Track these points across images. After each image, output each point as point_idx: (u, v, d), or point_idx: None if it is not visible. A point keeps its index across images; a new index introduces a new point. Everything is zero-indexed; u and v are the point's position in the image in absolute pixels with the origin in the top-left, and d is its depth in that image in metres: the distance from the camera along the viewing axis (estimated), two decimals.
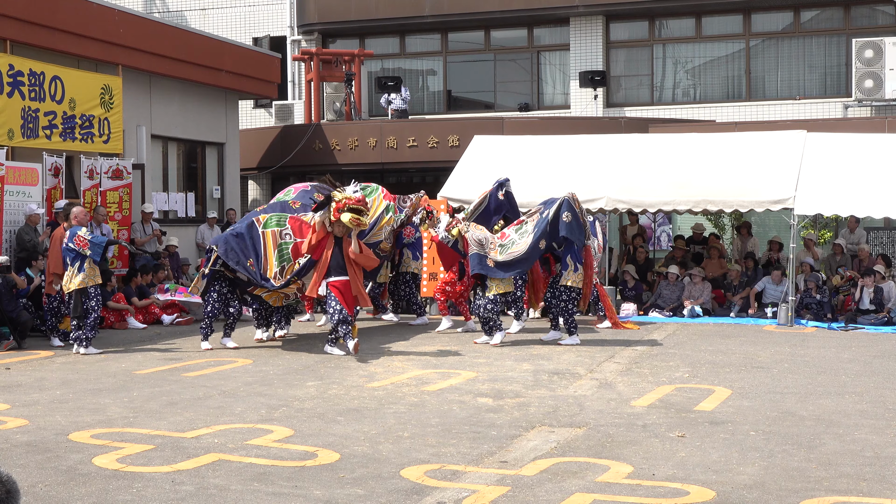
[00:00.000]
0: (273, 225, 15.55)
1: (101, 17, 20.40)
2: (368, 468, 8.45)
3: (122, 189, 20.27)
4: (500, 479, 8.13)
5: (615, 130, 24.43)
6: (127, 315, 18.40)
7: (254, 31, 31.76)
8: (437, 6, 29.97)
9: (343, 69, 29.04)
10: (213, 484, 7.95)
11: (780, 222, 21.69)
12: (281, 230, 15.52)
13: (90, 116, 19.66)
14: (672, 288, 20.61)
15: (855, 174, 19.28)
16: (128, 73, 21.12)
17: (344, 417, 10.52)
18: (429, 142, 26.62)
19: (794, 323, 18.87)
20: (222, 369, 13.72)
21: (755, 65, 28.87)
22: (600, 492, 7.79)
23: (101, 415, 10.64)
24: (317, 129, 27.64)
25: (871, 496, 7.74)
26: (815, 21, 28.68)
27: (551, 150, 21.52)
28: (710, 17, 29.11)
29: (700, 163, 20.31)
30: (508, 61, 30.84)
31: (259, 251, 15.36)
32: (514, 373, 13.36)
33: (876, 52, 26.15)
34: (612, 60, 29.70)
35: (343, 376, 13.13)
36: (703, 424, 10.25)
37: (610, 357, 14.88)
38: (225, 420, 10.38)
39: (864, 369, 13.89)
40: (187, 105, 23.68)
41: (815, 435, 9.75)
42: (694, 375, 13.34)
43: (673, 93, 29.73)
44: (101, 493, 7.68)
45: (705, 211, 20.69)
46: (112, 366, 14.00)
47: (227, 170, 25.26)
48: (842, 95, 27.68)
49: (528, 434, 9.78)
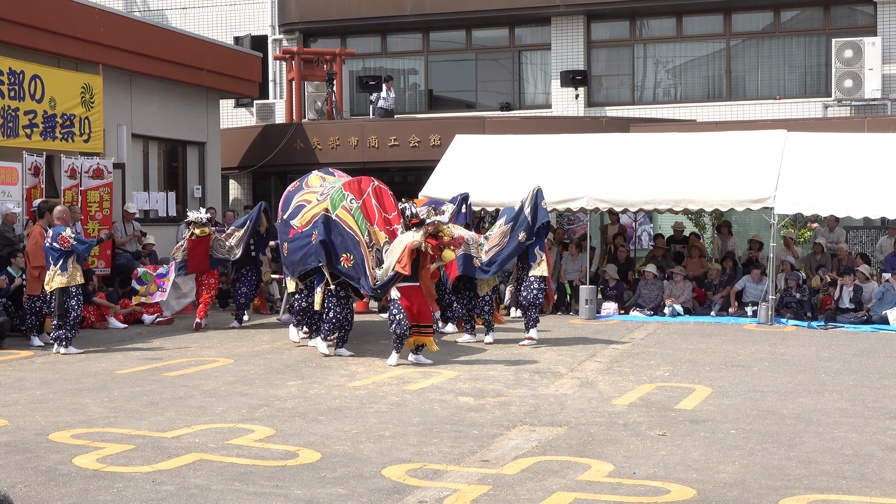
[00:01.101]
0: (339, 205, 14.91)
1: (82, 15, 20.33)
2: (350, 467, 8.45)
3: (103, 188, 20.20)
4: (481, 479, 8.13)
5: (596, 130, 24.49)
6: (108, 315, 18.35)
7: (235, 30, 31.69)
8: (418, 5, 29.96)
9: (324, 68, 29.02)
10: (194, 484, 7.94)
11: (761, 221, 21.77)
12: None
13: (70, 116, 19.59)
14: (652, 287, 20.66)
15: (834, 174, 19.36)
16: (108, 73, 21.05)
17: (325, 417, 10.51)
18: (410, 141, 26.62)
19: (775, 322, 18.95)
20: (203, 369, 13.69)
21: (735, 64, 28.95)
22: (581, 490, 7.81)
23: (82, 415, 10.61)
24: (298, 128, 27.61)
25: (851, 494, 7.77)
26: (794, 21, 28.78)
27: (532, 150, 21.55)
28: (690, 16, 29.17)
29: (681, 162, 20.37)
30: (490, 61, 30.86)
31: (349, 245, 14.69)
32: (495, 372, 13.37)
33: (855, 52, 26.25)
34: (593, 60, 29.75)
35: (324, 376, 13.12)
36: (684, 423, 10.28)
37: (591, 356, 14.91)
38: (206, 420, 10.35)
39: (844, 368, 13.95)
40: (168, 104, 23.62)
41: (795, 433, 9.79)
42: (674, 374, 13.38)
43: (654, 92, 29.79)
44: (82, 494, 7.66)
45: (686, 210, 20.75)
46: (92, 365, 13.96)
47: (208, 169, 25.20)
48: (821, 95, 27.78)
49: (510, 433, 9.79)
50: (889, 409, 11.10)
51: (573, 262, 21.55)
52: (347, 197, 14.78)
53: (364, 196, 14.77)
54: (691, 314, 20.26)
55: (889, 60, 26.73)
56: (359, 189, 14.86)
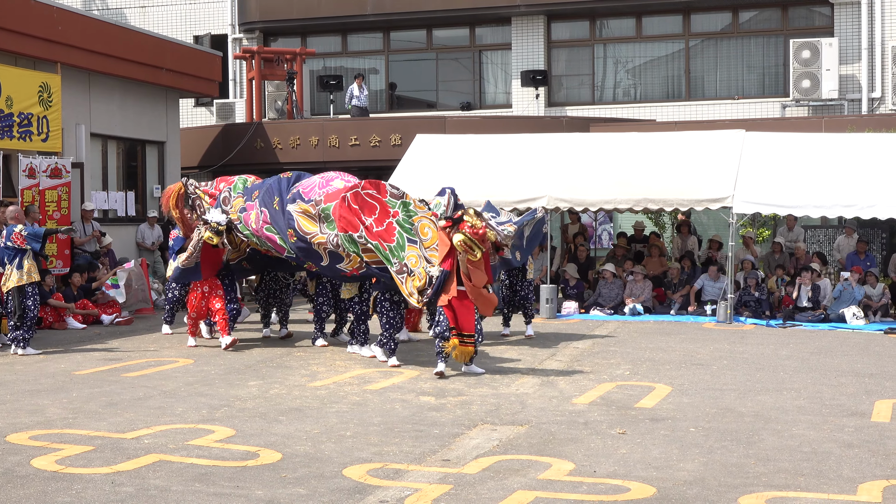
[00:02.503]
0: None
1: (40, 14, 20.16)
2: (311, 468, 8.43)
3: (61, 188, 20.05)
4: (442, 478, 8.14)
5: (557, 129, 24.55)
6: (66, 315, 18.21)
7: (195, 29, 31.54)
8: (379, 5, 29.93)
9: (285, 68, 28.93)
10: (154, 485, 7.91)
11: (720, 221, 21.90)
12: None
13: (28, 115, 19.43)
14: (611, 286, 20.73)
15: (792, 173, 19.51)
16: (67, 71, 20.88)
17: (286, 417, 10.49)
18: (371, 140, 26.58)
19: (733, 320, 19.07)
20: (163, 369, 13.62)
21: (694, 65, 29.11)
22: (542, 489, 7.83)
23: (40, 416, 10.53)
24: (258, 127, 27.51)
25: (809, 491, 7.84)
26: (753, 22, 28.96)
27: (493, 149, 21.59)
28: (650, 17, 29.30)
29: (641, 162, 20.47)
30: (451, 60, 30.87)
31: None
32: (455, 371, 13.38)
33: (813, 53, 26.46)
34: (554, 60, 29.82)
35: (285, 376, 13.09)
36: (644, 421, 10.33)
37: (552, 355, 14.95)
38: (165, 420, 10.31)
39: (802, 366, 14.06)
40: (127, 103, 23.46)
41: (754, 431, 9.87)
42: (635, 373, 13.44)
43: (614, 92, 29.90)
44: (40, 496, 7.61)
45: (646, 210, 20.85)
46: (51, 366, 13.85)
47: (168, 168, 25.05)
48: (779, 95, 27.97)
49: (471, 432, 9.81)
50: (846, 406, 11.20)
51: (534, 262, 21.58)
52: (354, 238, 13.81)
53: (361, 223, 13.76)
54: (651, 313, 20.36)
55: (846, 61, 26.96)
56: (349, 219, 13.83)
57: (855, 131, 22.27)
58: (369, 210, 13.68)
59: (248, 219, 15.19)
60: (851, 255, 20.71)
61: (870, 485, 8.03)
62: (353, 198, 13.76)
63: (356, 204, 13.73)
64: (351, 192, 13.84)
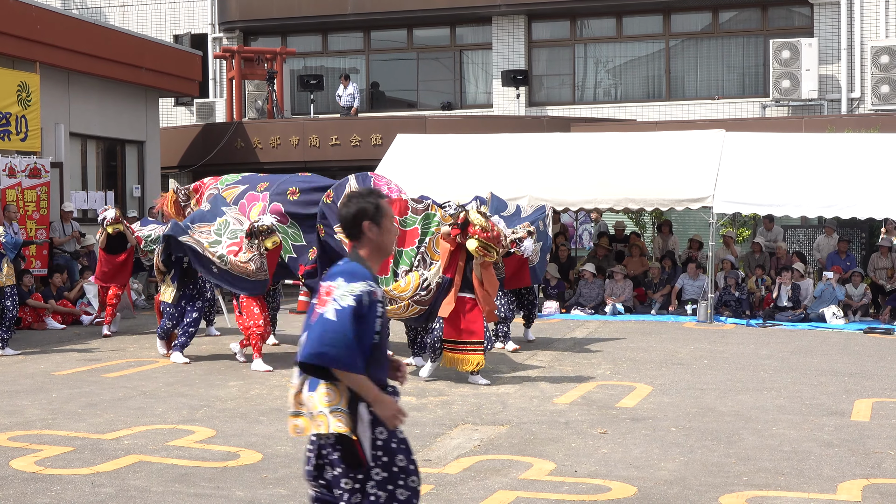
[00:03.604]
0: None
1: (18, 12, 20.07)
2: (291, 468, 8.42)
3: (40, 188, 19.97)
4: (423, 478, 8.12)
5: (537, 129, 24.56)
6: (45, 315, 18.13)
7: (174, 28, 31.44)
8: (359, 4, 29.89)
9: (265, 67, 28.87)
10: (134, 486, 7.88)
11: (700, 221, 21.95)
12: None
13: (6, 114, 19.34)
14: (592, 286, 20.76)
15: (772, 173, 19.57)
16: (45, 70, 20.79)
17: (266, 417, 10.46)
18: (351, 140, 26.55)
19: (714, 320, 19.12)
20: (143, 370, 13.57)
21: (675, 65, 29.17)
22: (523, 489, 7.83)
23: (19, 417, 10.48)
24: (238, 127, 27.45)
25: (789, 490, 7.86)
26: (733, 22, 29.04)
27: (474, 149, 21.59)
28: (630, 17, 29.34)
29: (621, 162, 20.50)
30: (431, 60, 30.86)
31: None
32: (437, 371, 13.36)
33: (793, 53, 26.54)
34: (534, 60, 29.84)
35: (265, 376, 13.05)
36: (625, 421, 10.35)
37: (532, 355, 14.95)
38: (145, 421, 10.28)
39: (782, 365, 14.11)
40: (106, 103, 23.38)
41: (734, 430, 9.89)
42: (615, 372, 13.46)
43: (594, 92, 29.94)
44: (19, 497, 7.57)
45: (626, 209, 20.88)
46: (30, 367, 13.79)
47: (148, 168, 24.97)
48: (759, 95, 28.05)
49: (452, 432, 9.80)
50: (826, 405, 11.24)
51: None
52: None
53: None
54: (632, 313, 20.39)
55: (825, 61, 27.06)
56: None
57: (835, 131, 22.35)
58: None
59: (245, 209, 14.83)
60: (832, 255, 20.80)
61: (849, 484, 8.06)
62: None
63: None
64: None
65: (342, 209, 5.40)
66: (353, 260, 5.31)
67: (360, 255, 5.33)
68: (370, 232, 5.31)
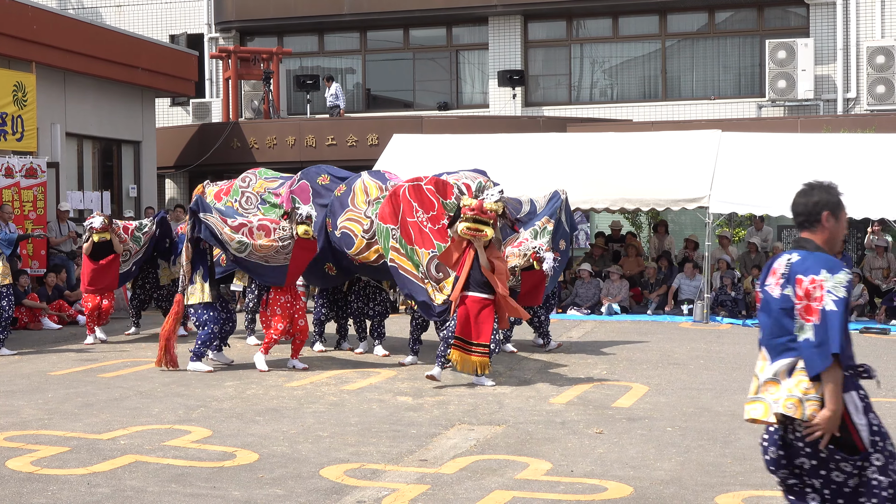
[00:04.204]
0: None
1: (14, 12, 20.06)
2: (288, 468, 8.42)
3: (37, 188, 19.96)
4: (419, 478, 8.14)
5: (533, 129, 24.58)
6: (41, 315, 18.12)
7: (171, 28, 31.43)
8: (355, 4, 29.89)
9: (261, 67, 28.86)
10: (130, 486, 7.87)
11: (696, 221, 21.95)
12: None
13: (3, 114, 19.32)
14: (588, 286, 20.77)
15: (768, 173, 19.57)
16: (42, 71, 20.78)
17: (263, 417, 10.46)
18: (348, 140, 26.55)
19: (710, 320, 19.14)
20: (139, 370, 13.56)
21: (671, 65, 29.18)
22: (519, 489, 7.84)
23: (15, 417, 10.48)
24: (235, 127, 27.45)
25: None
26: (729, 22, 29.06)
27: (470, 149, 21.57)
28: (626, 17, 29.35)
29: (617, 162, 20.51)
30: (427, 60, 30.86)
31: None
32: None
33: (788, 53, 26.56)
34: (531, 60, 29.85)
35: (262, 376, 13.05)
36: (621, 421, 10.35)
37: (529, 355, 14.96)
38: (142, 421, 10.27)
39: None
40: (103, 103, 23.37)
41: (731, 430, 9.90)
42: (611, 372, 13.47)
43: (590, 92, 29.95)
44: (15, 497, 7.57)
45: (622, 209, 20.90)
46: (26, 367, 13.78)
47: (144, 168, 24.97)
48: (755, 95, 28.07)
49: (448, 432, 9.80)
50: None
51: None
52: (390, 232, 13.45)
53: (400, 217, 13.38)
54: (628, 313, 20.41)
55: (821, 61, 27.08)
56: (393, 211, 13.46)
57: (830, 131, 22.37)
58: (427, 206, 13.39)
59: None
60: None
61: None
62: (412, 191, 13.41)
63: (414, 199, 13.35)
64: (411, 185, 13.50)
65: (801, 198, 5.62)
66: (813, 250, 5.45)
67: (818, 244, 5.49)
68: (828, 223, 5.50)
